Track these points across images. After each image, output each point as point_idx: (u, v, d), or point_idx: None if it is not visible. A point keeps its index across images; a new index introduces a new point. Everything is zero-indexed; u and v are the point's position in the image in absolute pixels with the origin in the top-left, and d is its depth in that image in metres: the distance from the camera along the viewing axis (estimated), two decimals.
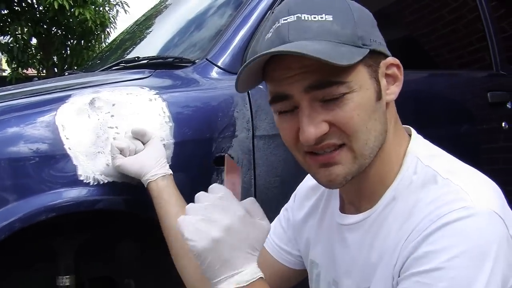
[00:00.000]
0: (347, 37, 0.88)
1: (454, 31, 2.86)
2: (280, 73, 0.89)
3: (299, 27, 0.87)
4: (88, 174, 1.36)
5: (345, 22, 0.89)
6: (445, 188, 0.88)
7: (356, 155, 0.90)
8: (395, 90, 0.96)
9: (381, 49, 0.93)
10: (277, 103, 0.93)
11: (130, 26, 2.84)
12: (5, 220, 1.27)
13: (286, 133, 0.94)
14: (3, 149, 1.30)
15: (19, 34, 11.05)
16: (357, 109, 0.88)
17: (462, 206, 0.83)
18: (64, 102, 1.41)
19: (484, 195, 0.87)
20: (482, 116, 2.32)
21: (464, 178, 0.90)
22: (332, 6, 0.90)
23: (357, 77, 0.88)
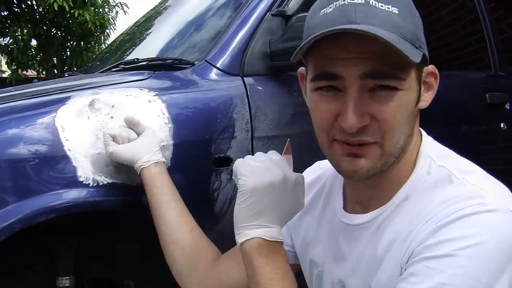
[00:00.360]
0: (409, 34, 0.85)
1: (453, 32, 2.87)
2: (337, 52, 0.85)
3: (367, 11, 0.84)
4: (88, 175, 1.37)
5: (408, 19, 0.87)
6: (461, 187, 0.87)
7: (384, 153, 0.89)
8: (429, 98, 0.96)
9: (427, 55, 0.92)
10: (321, 81, 0.89)
11: (129, 27, 2.84)
12: (5, 221, 1.27)
13: (322, 114, 0.91)
14: (3, 151, 1.31)
15: (19, 36, 11.04)
16: (400, 109, 0.87)
17: (480, 202, 0.83)
18: (64, 104, 1.42)
19: (501, 195, 0.87)
20: (481, 117, 2.33)
21: (479, 178, 0.89)
22: (399, 0, 0.87)
23: (409, 77, 0.87)
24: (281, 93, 1.71)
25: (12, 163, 1.31)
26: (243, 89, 1.64)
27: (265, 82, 1.70)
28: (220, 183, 1.55)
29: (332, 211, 1.09)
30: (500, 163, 2.39)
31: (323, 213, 1.12)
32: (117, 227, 1.63)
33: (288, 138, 1.07)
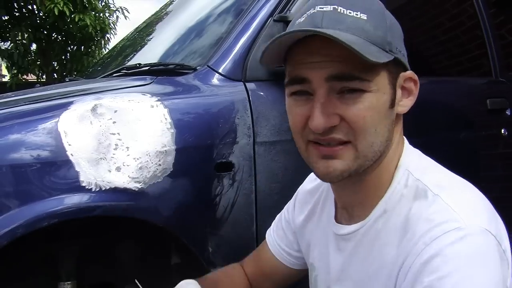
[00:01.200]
0: (377, 38, 0.88)
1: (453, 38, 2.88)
2: (305, 56, 0.89)
3: (334, 17, 0.88)
4: (90, 180, 1.37)
5: (378, 25, 0.90)
6: (435, 205, 0.88)
7: (358, 155, 0.91)
8: (408, 103, 0.97)
9: (403, 60, 0.94)
10: (293, 85, 0.93)
11: (131, 32, 2.85)
12: (8, 226, 1.27)
13: (295, 117, 0.94)
14: (6, 156, 1.31)
15: (19, 40, 11.05)
16: (370, 110, 0.89)
17: (455, 227, 0.83)
18: (67, 109, 1.42)
19: (474, 213, 0.87)
20: (481, 122, 2.33)
21: (454, 194, 0.90)
22: (369, 7, 0.91)
23: (378, 79, 0.89)
24: (282, 98, 1.69)
25: (15, 168, 1.31)
26: (245, 94, 1.64)
27: (267, 88, 1.71)
28: (222, 188, 1.55)
29: (326, 217, 1.12)
30: (501, 169, 2.40)
31: (319, 219, 1.15)
32: (118, 231, 1.63)
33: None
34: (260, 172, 1.62)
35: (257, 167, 1.62)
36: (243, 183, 1.59)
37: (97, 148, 1.39)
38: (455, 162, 2.18)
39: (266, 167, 1.64)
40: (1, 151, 1.32)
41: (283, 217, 1.29)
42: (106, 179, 1.39)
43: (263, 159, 1.62)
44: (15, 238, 1.28)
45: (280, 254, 1.27)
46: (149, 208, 1.44)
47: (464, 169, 2.20)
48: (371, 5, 0.92)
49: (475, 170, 2.30)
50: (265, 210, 1.60)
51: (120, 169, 1.40)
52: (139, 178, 1.42)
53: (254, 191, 1.61)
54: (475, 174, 2.29)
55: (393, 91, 0.92)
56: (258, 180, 1.62)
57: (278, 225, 1.29)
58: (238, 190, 1.58)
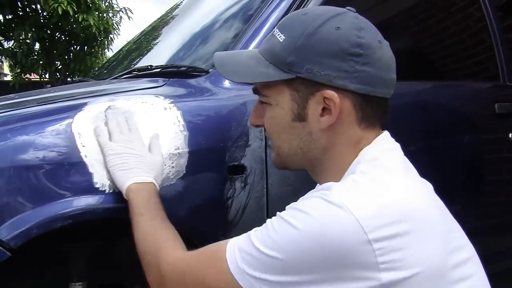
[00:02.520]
0: (277, 59, 1.04)
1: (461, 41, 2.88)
2: None
3: (267, 39, 1.12)
4: (104, 182, 1.37)
5: (286, 46, 1.03)
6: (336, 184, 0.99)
7: (277, 153, 1.15)
8: (328, 121, 1.04)
9: (320, 80, 1.00)
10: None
11: (140, 34, 2.85)
12: (23, 227, 1.28)
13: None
14: (20, 156, 1.31)
15: (23, 39, 11.06)
16: (269, 120, 1.11)
17: (322, 193, 0.94)
18: (81, 110, 1.43)
19: (351, 194, 0.93)
20: (489, 126, 2.33)
21: (364, 177, 0.98)
22: (293, 29, 1.04)
23: (276, 95, 1.07)
24: None
25: (29, 169, 1.31)
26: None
27: None
28: (234, 191, 1.55)
29: None
30: (506, 173, 2.40)
31: None
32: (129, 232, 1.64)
33: None
34: (272, 175, 1.62)
35: (269, 170, 1.62)
36: (255, 186, 1.59)
37: None
38: (463, 166, 2.20)
39: (278, 170, 1.63)
40: (16, 152, 1.32)
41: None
42: None
43: None
44: (29, 239, 1.29)
45: None
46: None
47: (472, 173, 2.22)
48: (298, 26, 1.03)
49: (482, 173, 2.30)
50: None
51: None
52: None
53: (265, 194, 1.61)
54: (482, 178, 2.30)
55: (299, 106, 1.05)
56: (270, 183, 1.62)
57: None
58: (249, 193, 1.58)
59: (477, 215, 2.18)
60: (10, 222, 1.27)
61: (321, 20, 1.02)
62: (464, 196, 2.16)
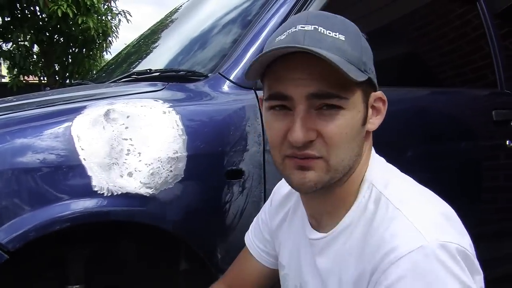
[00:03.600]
0: (354, 58, 0.93)
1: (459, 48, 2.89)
2: (287, 73, 0.93)
3: (315, 37, 0.92)
4: (102, 185, 1.38)
5: (354, 46, 0.95)
6: (397, 221, 0.91)
7: (329, 168, 0.95)
8: (377, 122, 1.02)
9: (375, 81, 1.00)
10: (274, 101, 0.96)
11: (139, 38, 2.86)
12: (21, 229, 1.28)
13: (274, 131, 0.98)
14: (19, 159, 1.32)
15: (21, 41, 11.06)
16: (345, 127, 0.94)
17: (419, 245, 0.86)
18: (80, 113, 1.43)
19: (435, 228, 0.89)
20: (487, 133, 2.34)
21: (415, 209, 0.93)
22: (346, 29, 0.96)
23: (354, 97, 0.94)
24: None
25: (27, 172, 1.32)
26: (256, 102, 1.65)
27: None
28: (232, 195, 1.56)
29: (299, 220, 1.17)
30: (504, 179, 2.41)
31: (291, 221, 1.20)
32: (127, 236, 1.64)
33: None
34: (270, 180, 1.63)
35: (267, 174, 1.62)
36: (253, 190, 1.60)
37: (110, 153, 1.40)
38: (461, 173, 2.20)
39: (276, 175, 1.63)
40: (15, 154, 1.32)
41: (260, 219, 1.33)
42: (118, 184, 1.39)
43: (272, 167, 1.61)
44: (27, 241, 1.29)
45: (260, 256, 1.32)
46: (159, 213, 1.45)
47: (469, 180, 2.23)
48: (347, 27, 0.97)
49: (480, 180, 2.31)
50: None
51: (132, 174, 1.41)
52: (150, 184, 1.43)
53: (263, 199, 1.62)
54: (479, 184, 2.31)
55: (366, 109, 0.98)
56: (268, 188, 1.63)
57: (256, 227, 1.34)
58: (247, 197, 1.59)
59: (475, 222, 2.18)
60: (8, 224, 1.28)
61: (354, 25, 1.02)
62: (461, 203, 2.15)
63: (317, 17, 0.96)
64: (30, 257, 1.48)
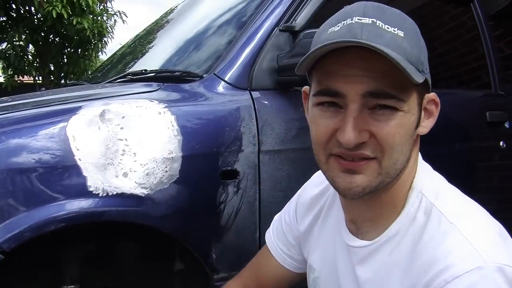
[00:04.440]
0: (413, 57, 0.87)
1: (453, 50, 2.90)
2: (341, 68, 0.87)
3: (373, 31, 0.85)
4: (98, 185, 1.38)
5: (413, 43, 0.88)
6: (452, 237, 0.87)
7: (381, 171, 0.89)
8: (429, 125, 0.96)
9: (429, 82, 0.93)
10: (325, 97, 0.90)
11: (134, 38, 2.86)
12: (16, 229, 1.28)
13: (321, 128, 0.91)
14: (15, 159, 1.32)
15: (16, 41, 11.03)
16: (400, 129, 0.88)
17: (476, 266, 0.82)
18: (75, 114, 1.43)
19: (492, 248, 0.86)
20: (480, 134, 2.35)
21: (470, 225, 0.89)
22: (404, 25, 0.89)
23: (410, 99, 0.88)
24: (288, 107, 1.73)
25: (23, 172, 1.32)
26: (251, 103, 1.66)
27: (272, 97, 1.72)
28: (226, 196, 1.56)
29: (332, 223, 1.11)
30: (498, 180, 2.42)
31: (323, 224, 1.14)
32: (122, 237, 1.64)
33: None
34: (264, 180, 1.64)
35: (262, 175, 1.63)
36: (248, 191, 1.60)
37: (105, 153, 1.40)
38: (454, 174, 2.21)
39: (270, 176, 1.65)
40: (10, 154, 1.32)
41: (283, 220, 1.27)
42: (113, 185, 1.40)
43: (267, 168, 1.64)
44: (22, 242, 1.29)
45: (283, 259, 1.26)
46: (155, 214, 1.45)
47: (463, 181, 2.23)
48: (405, 23, 0.90)
49: (474, 181, 2.32)
50: (269, 218, 1.58)
51: (127, 174, 1.42)
52: (145, 184, 1.43)
53: (258, 199, 1.62)
54: (473, 185, 2.32)
55: (420, 112, 0.92)
56: (262, 188, 1.63)
57: (279, 228, 1.28)
58: (242, 197, 1.59)
59: None
60: (3, 224, 1.28)
61: (412, 20, 0.94)
62: None
63: (375, 9, 0.88)
64: (25, 257, 1.48)
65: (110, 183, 1.39)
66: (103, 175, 1.39)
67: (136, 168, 1.42)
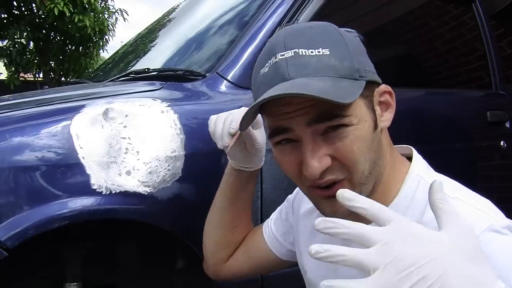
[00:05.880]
0: (345, 70, 0.88)
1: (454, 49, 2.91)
2: (281, 108, 0.89)
3: (298, 63, 0.87)
4: (101, 183, 1.39)
5: (342, 55, 0.89)
6: (458, 207, 0.86)
7: (354, 185, 0.91)
8: (389, 117, 0.98)
9: (374, 78, 0.94)
10: (277, 136, 0.92)
11: (137, 37, 2.87)
12: (20, 227, 1.29)
13: (287, 166, 0.94)
14: (18, 157, 1.33)
15: (18, 38, 11.04)
16: (357, 142, 0.89)
17: (489, 224, 0.83)
18: (79, 112, 1.44)
19: (496, 211, 0.89)
20: (481, 134, 2.36)
21: (471, 197, 0.91)
22: (327, 40, 0.90)
23: (356, 110, 0.89)
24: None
25: (26, 170, 1.32)
26: (253, 102, 1.66)
27: None
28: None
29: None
30: (498, 180, 2.43)
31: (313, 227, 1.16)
32: (124, 234, 1.65)
33: None
34: (266, 178, 1.64)
35: (263, 174, 1.64)
36: None
37: (108, 151, 1.41)
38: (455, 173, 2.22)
39: (272, 174, 1.66)
40: (14, 152, 1.33)
41: (283, 208, 1.31)
42: (116, 183, 1.40)
43: (269, 166, 1.65)
44: (26, 239, 1.30)
45: (273, 243, 1.30)
46: (157, 212, 1.46)
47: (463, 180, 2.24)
48: (328, 36, 0.91)
49: (474, 180, 2.33)
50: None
51: (130, 173, 1.42)
52: (148, 183, 1.44)
53: (260, 198, 1.63)
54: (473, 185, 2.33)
55: (373, 113, 0.93)
56: (264, 187, 1.64)
57: (277, 216, 1.32)
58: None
59: None
60: (7, 222, 1.29)
61: (334, 27, 0.95)
62: None
63: (293, 36, 0.90)
64: (27, 254, 1.49)
65: (113, 181, 1.40)
66: (107, 173, 1.40)
67: (139, 167, 1.43)
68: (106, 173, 1.40)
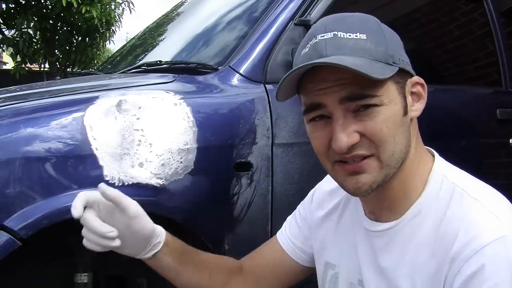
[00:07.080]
0: (379, 54, 0.94)
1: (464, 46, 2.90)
2: (316, 84, 0.95)
3: (336, 44, 0.94)
4: (114, 175, 1.40)
5: (377, 41, 0.95)
6: (476, 210, 0.92)
7: (382, 165, 0.95)
8: (419, 107, 1.02)
9: (408, 68, 0.99)
10: (311, 112, 0.98)
11: (147, 29, 2.86)
12: (33, 217, 1.30)
13: (318, 141, 0.99)
14: (32, 147, 1.33)
15: (25, 28, 11.04)
16: (386, 122, 0.94)
17: (502, 235, 0.87)
18: (92, 103, 1.44)
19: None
20: (490, 132, 2.36)
21: (491, 200, 0.94)
22: (365, 26, 0.97)
23: (387, 92, 0.94)
24: (301, 101, 1.73)
25: (40, 160, 1.33)
26: (265, 96, 1.67)
27: None
28: (240, 188, 1.58)
29: (350, 216, 1.15)
30: (505, 177, 2.43)
31: (340, 219, 1.18)
32: None
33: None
34: (277, 173, 1.65)
35: (275, 168, 1.64)
36: (261, 183, 1.62)
37: (121, 143, 1.42)
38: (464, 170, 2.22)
39: (283, 169, 1.66)
40: (28, 143, 1.34)
41: (298, 215, 1.31)
42: (129, 174, 1.41)
43: (280, 161, 1.65)
44: (40, 229, 1.31)
45: (293, 251, 1.28)
46: (169, 204, 1.47)
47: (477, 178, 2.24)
48: (366, 24, 0.98)
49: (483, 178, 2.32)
50: (281, 211, 1.62)
51: (143, 165, 1.43)
52: (161, 175, 1.45)
53: (270, 192, 1.64)
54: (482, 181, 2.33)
55: (404, 99, 0.97)
56: (275, 181, 1.65)
57: (292, 223, 1.31)
58: (255, 190, 1.61)
59: None
60: (21, 212, 1.30)
61: (374, 18, 1.02)
62: None
63: (334, 22, 0.98)
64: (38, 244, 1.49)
65: (126, 173, 1.41)
66: (119, 164, 1.41)
67: (151, 159, 1.44)
68: (119, 165, 1.40)
